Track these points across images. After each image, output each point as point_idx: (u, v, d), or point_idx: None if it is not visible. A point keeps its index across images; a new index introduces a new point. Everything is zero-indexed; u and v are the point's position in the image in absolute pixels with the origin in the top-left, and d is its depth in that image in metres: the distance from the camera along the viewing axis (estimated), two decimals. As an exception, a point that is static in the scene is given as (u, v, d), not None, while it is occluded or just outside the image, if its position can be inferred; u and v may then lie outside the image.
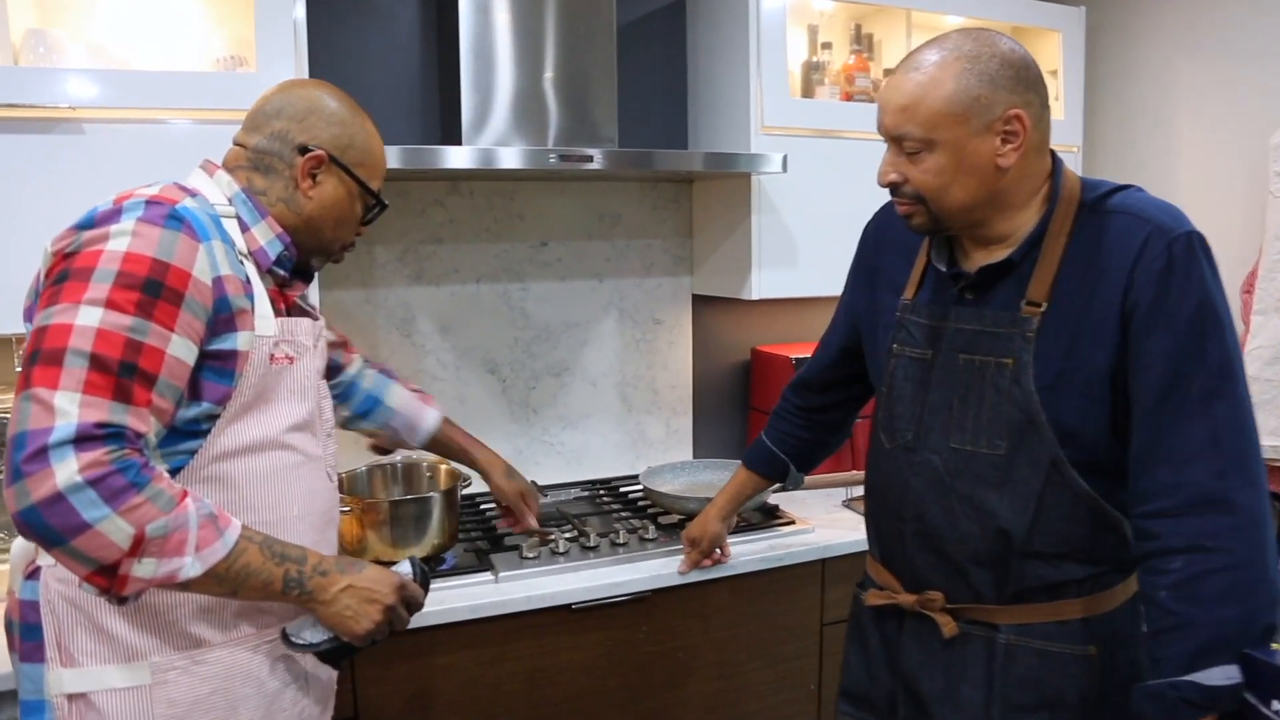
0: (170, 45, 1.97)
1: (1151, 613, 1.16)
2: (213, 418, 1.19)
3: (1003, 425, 1.24)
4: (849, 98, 2.48)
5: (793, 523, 2.16)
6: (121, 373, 1.06)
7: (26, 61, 1.78)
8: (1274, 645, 1.09)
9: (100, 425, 1.03)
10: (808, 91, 2.50)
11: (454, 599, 1.78)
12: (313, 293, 1.91)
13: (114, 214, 1.13)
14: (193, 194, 1.22)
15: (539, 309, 2.46)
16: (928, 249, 1.37)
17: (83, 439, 1.01)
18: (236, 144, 1.33)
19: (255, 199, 1.29)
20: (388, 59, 2.27)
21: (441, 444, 1.80)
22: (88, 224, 1.12)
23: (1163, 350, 1.16)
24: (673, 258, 2.59)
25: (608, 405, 2.57)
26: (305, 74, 1.87)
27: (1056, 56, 2.71)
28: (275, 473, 1.26)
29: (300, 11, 1.85)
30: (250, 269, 1.25)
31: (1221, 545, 1.12)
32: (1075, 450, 1.22)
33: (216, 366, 1.18)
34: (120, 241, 1.10)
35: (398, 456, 2.11)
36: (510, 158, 1.92)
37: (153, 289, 1.09)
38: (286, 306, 1.35)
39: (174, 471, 1.16)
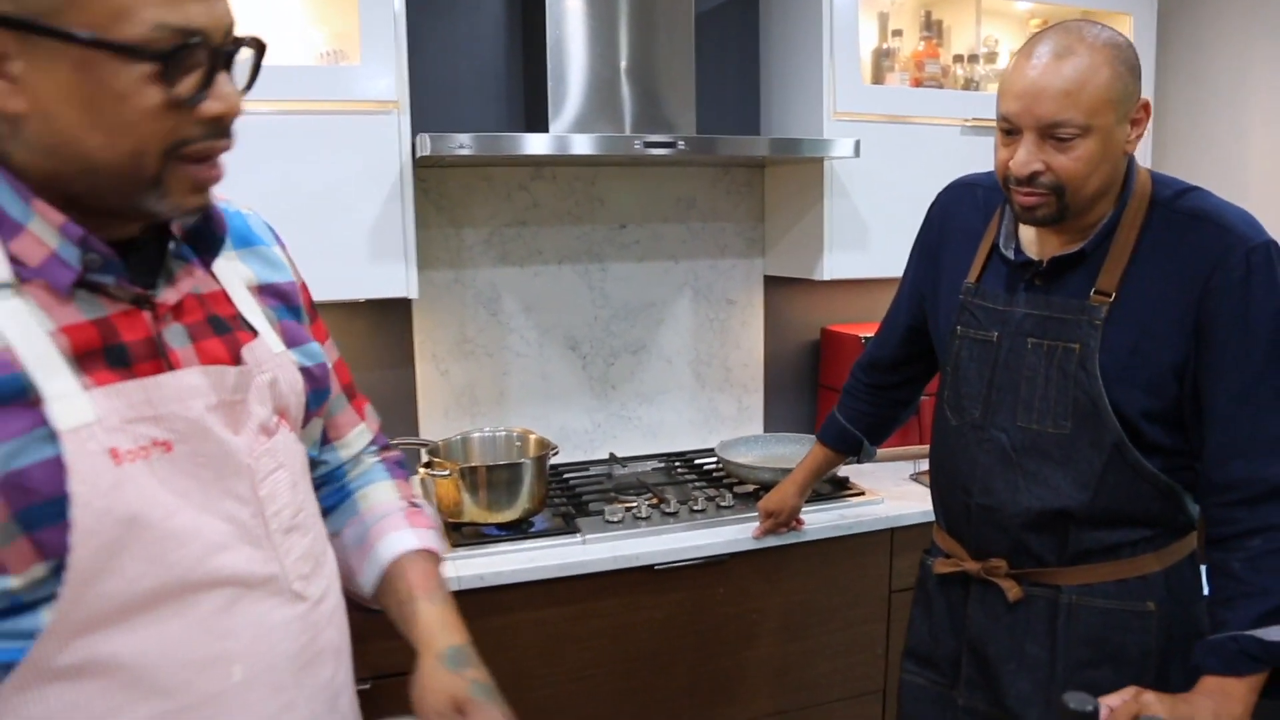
0: (274, 43, 2.11)
1: (1222, 582, 1.24)
2: (48, 579, 0.76)
3: (1068, 406, 1.32)
4: (918, 83, 2.54)
5: (863, 494, 2.25)
6: None
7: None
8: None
9: None
10: (878, 78, 2.56)
11: (543, 558, 1.90)
12: (402, 273, 2.05)
13: None
14: None
15: (617, 289, 2.58)
16: (994, 234, 1.44)
17: None
18: None
19: (10, 175, 0.77)
20: (474, 49, 2.39)
21: (389, 586, 1.10)
22: None
23: (1242, 356, 1.23)
24: (745, 240, 2.69)
25: (682, 382, 2.68)
26: (405, 66, 1.99)
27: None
28: (192, 628, 0.82)
29: (400, 4, 1.97)
30: (10, 312, 0.76)
31: None
32: (1136, 433, 1.29)
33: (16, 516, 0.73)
34: None
35: (486, 428, 2.26)
36: (594, 144, 2.03)
37: None
38: (160, 327, 0.85)
39: (5, 669, 0.75)
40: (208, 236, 0.92)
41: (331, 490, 1.17)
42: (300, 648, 0.92)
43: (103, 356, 0.79)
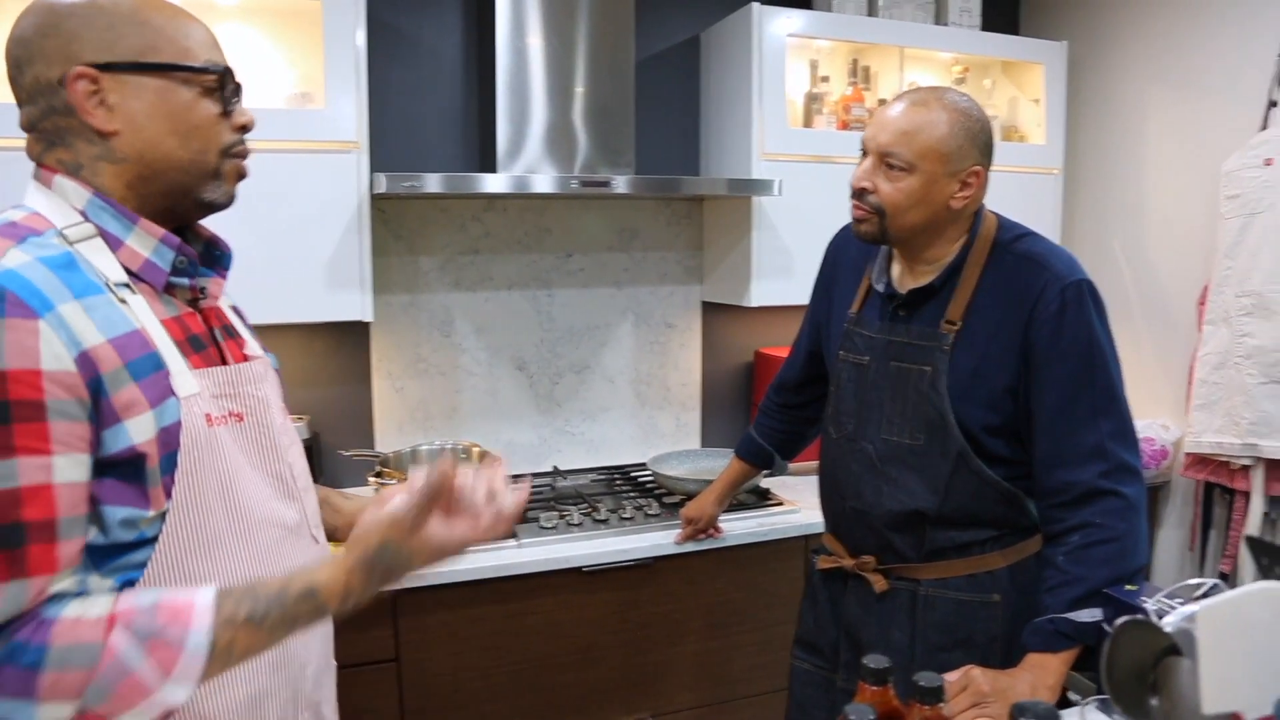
0: (246, 84, 2.30)
1: (1049, 573, 1.45)
2: (162, 516, 0.96)
3: (921, 421, 1.52)
4: (845, 126, 2.75)
5: (781, 504, 2.45)
6: (7, 542, 0.84)
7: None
8: (1129, 588, 1.36)
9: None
10: (808, 120, 2.78)
11: (481, 560, 2.08)
12: (358, 298, 2.23)
13: None
14: (28, 231, 0.94)
15: (563, 313, 2.77)
16: (871, 271, 1.65)
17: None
18: (24, 128, 1.02)
19: (110, 200, 0.99)
20: (434, 91, 2.59)
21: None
22: None
23: (1058, 377, 1.44)
24: (684, 268, 2.89)
25: (624, 400, 2.87)
26: (365, 109, 2.19)
27: (1040, 87, 2.97)
28: (254, 556, 1.04)
29: (361, 40, 2.16)
30: (139, 306, 0.98)
31: (1108, 523, 1.41)
32: (978, 445, 1.50)
33: (121, 473, 0.92)
34: None
35: (435, 441, 2.44)
36: (538, 183, 2.23)
37: (24, 412, 0.84)
38: (210, 325, 1.10)
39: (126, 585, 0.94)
40: (217, 254, 1.16)
41: None
42: None
43: (188, 343, 1.03)
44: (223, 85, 1.05)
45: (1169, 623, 0.84)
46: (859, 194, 1.52)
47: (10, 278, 0.86)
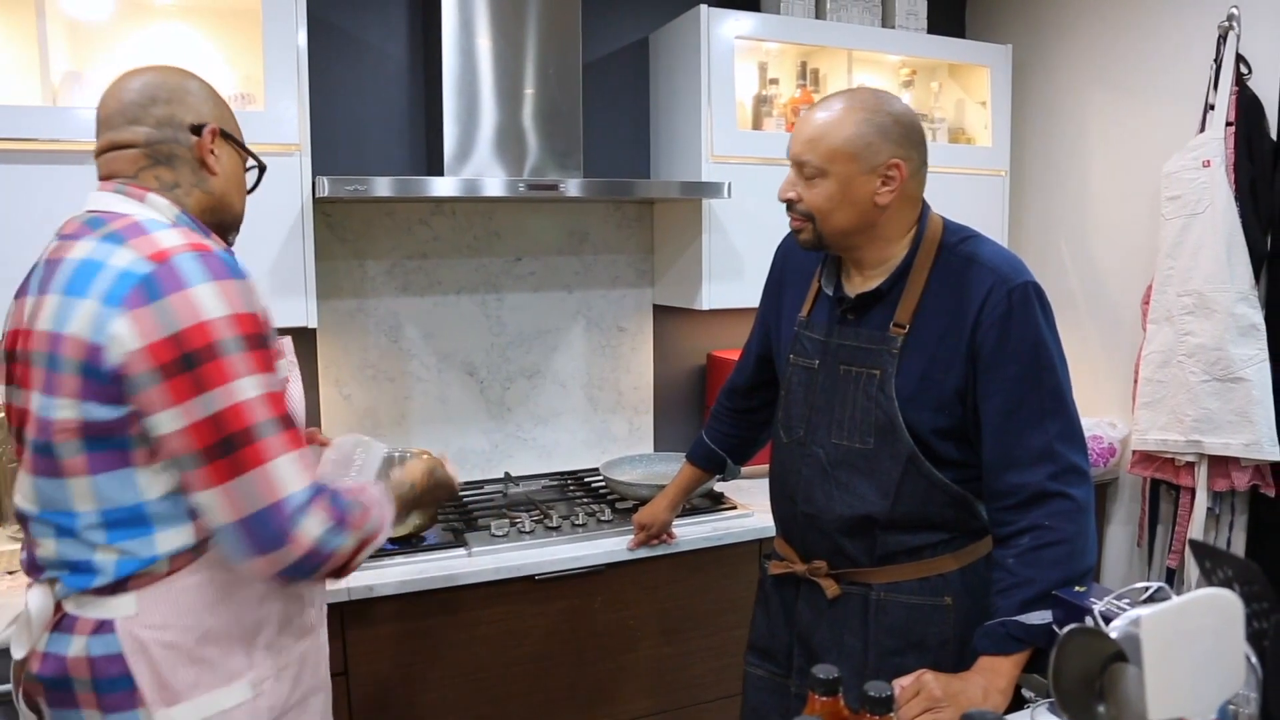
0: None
1: (999, 575, 1.45)
2: None
3: (870, 425, 1.52)
4: (794, 128, 2.75)
5: (734, 508, 2.44)
6: (289, 424, 1.19)
7: (64, 101, 2.05)
8: (1078, 589, 1.37)
9: (311, 475, 1.20)
10: (757, 123, 2.78)
11: (433, 570, 2.05)
12: (302, 304, 2.19)
13: (175, 276, 1.14)
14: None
15: (513, 317, 2.74)
16: (819, 274, 1.64)
17: (310, 495, 1.17)
18: (119, 145, 1.28)
19: (192, 217, 1.30)
20: (380, 92, 2.55)
21: None
22: (159, 293, 1.13)
23: (1005, 380, 1.44)
24: (636, 271, 2.88)
25: (576, 405, 2.85)
26: (306, 110, 2.14)
27: (985, 89, 3.00)
28: None
29: (303, 40, 2.12)
30: None
31: (1057, 525, 1.41)
32: (928, 448, 1.49)
33: None
34: (215, 306, 1.14)
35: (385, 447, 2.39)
36: (486, 186, 2.20)
37: (260, 342, 1.18)
38: None
39: None
40: None
41: None
42: None
43: None
44: (261, 171, 1.46)
45: (1115, 627, 0.84)
46: (789, 205, 1.54)
47: (215, 255, 1.19)
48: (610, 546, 2.20)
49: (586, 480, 2.70)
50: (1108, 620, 0.98)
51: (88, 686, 1.20)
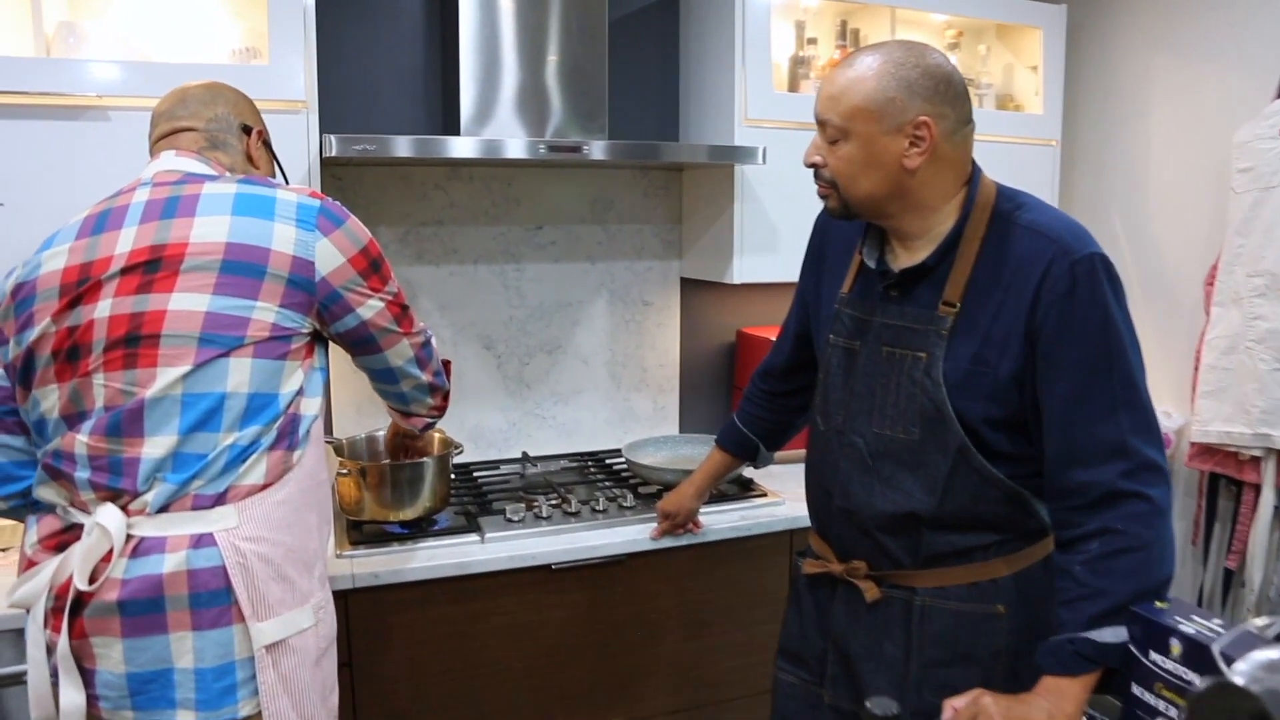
0: (190, 38, 2.11)
1: (1065, 583, 1.29)
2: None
3: (916, 413, 1.37)
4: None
5: (765, 495, 2.30)
6: (411, 307, 1.60)
7: (58, 52, 1.92)
8: (1159, 604, 1.22)
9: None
10: (794, 85, 2.61)
11: (443, 557, 1.93)
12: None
13: (339, 209, 1.45)
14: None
15: (533, 289, 2.60)
16: (861, 247, 1.49)
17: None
18: (184, 129, 1.50)
19: None
20: (392, 50, 2.40)
21: None
22: (340, 220, 1.43)
23: (1070, 365, 1.28)
24: (662, 242, 2.72)
25: (598, 382, 2.71)
26: (314, 66, 2.00)
27: (1038, 53, 2.82)
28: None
29: (310, 3, 1.98)
30: None
31: (1131, 529, 1.25)
32: (979, 439, 1.34)
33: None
34: (365, 229, 1.48)
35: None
36: (507, 148, 2.05)
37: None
38: None
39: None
40: None
41: None
42: None
43: None
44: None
45: (1244, 674, 0.69)
46: (814, 171, 1.39)
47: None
48: (632, 535, 2.07)
49: (608, 462, 2.57)
50: (1228, 660, 0.83)
51: (183, 603, 1.23)
